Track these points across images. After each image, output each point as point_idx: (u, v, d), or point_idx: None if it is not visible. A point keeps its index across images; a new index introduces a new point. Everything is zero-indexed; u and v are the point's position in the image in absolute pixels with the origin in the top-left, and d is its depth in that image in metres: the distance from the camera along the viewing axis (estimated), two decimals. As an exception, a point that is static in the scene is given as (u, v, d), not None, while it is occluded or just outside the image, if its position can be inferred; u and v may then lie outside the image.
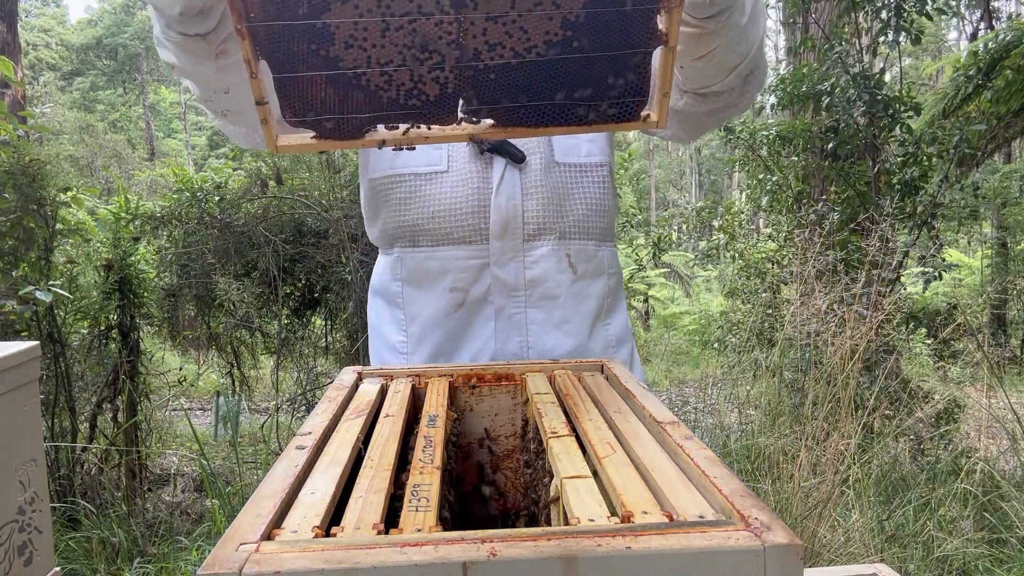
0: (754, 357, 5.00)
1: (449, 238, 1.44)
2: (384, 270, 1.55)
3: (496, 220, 1.42)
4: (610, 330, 1.53)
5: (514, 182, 1.43)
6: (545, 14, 0.87)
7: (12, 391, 1.47)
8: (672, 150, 33.79)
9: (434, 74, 0.91)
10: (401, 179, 1.46)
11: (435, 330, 1.47)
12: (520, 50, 0.90)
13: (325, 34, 0.86)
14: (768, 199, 6.57)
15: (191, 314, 5.07)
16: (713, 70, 1.14)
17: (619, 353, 1.54)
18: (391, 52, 0.88)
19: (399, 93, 0.92)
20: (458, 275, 1.44)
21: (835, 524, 3.20)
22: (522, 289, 1.44)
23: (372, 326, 1.60)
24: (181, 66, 1.05)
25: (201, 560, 2.82)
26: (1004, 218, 10.76)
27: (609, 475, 0.76)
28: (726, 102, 1.27)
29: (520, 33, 0.89)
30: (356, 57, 0.88)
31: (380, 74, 0.90)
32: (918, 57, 19.74)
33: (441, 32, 0.87)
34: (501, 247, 1.43)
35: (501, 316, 1.44)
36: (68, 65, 33.52)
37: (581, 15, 0.88)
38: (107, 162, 20.66)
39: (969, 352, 5.51)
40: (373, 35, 0.87)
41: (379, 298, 1.57)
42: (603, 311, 1.52)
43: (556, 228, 1.45)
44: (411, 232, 1.47)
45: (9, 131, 3.81)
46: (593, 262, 1.49)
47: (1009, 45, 6.03)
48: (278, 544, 0.61)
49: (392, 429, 0.96)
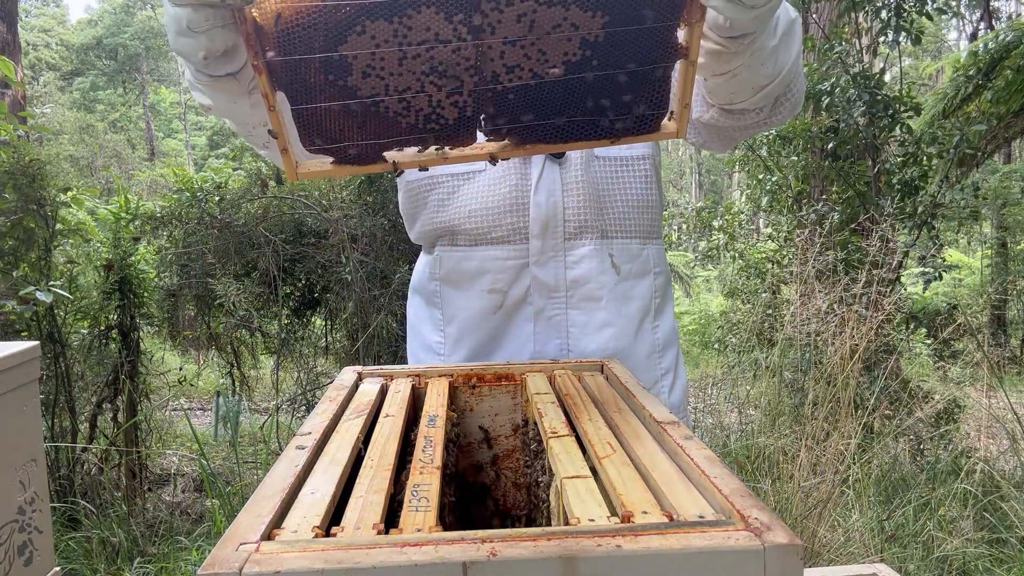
0: (754, 357, 5.00)
1: (487, 238, 1.40)
2: (424, 268, 1.53)
3: (536, 218, 1.38)
4: (658, 333, 1.47)
5: (554, 178, 1.39)
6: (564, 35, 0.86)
7: (12, 391, 1.47)
8: (672, 150, 33.76)
9: (452, 99, 0.90)
10: (438, 180, 1.44)
11: (473, 332, 1.44)
12: (539, 71, 0.89)
13: (342, 65, 0.85)
14: (768, 199, 6.56)
15: (191, 314, 5.07)
16: (737, 87, 1.12)
17: (664, 358, 1.48)
18: (409, 79, 0.88)
19: (417, 118, 0.92)
20: (497, 276, 1.40)
21: (835, 524, 3.20)
22: (563, 290, 1.40)
23: (411, 324, 1.58)
24: (217, 107, 1.04)
25: (201, 560, 2.83)
26: (1004, 218, 10.76)
27: (609, 475, 0.76)
28: (754, 120, 1.25)
29: (538, 55, 0.88)
30: (374, 86, 0.88)
31: (398, 101, 0.89)
32: (918, 57, 19.73)
33: (459, 58, 0.87)
34: (541, 246, 1.39)
35: (540, 318, 1.40)
36: (68, 65, 33.50)
37: (600, 35, 0.87)
38: (107, 162, 20.65)
39: (969, 352, 5.51)
40: (390, 64, 0.86)
41: (418, 296, 1.55)
42: (650, 312, 1.46)
43: (597, 226, 1.40)
44: (449, 232, 1.44)
45: (9, 131, 3.81)
46: (638, 261, 1.44)
47: (1009, 45, 6.03)
48: (278, 544, 0.61)
49: (392, 429, 0.96)
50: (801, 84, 1.24)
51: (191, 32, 0.83)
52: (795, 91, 1.23)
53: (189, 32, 0.83)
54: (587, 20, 0.85)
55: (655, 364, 1.46)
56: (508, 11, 0.83)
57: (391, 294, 4.43)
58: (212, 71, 0.91)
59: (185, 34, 0.83)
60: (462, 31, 0.84)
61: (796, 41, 1.13)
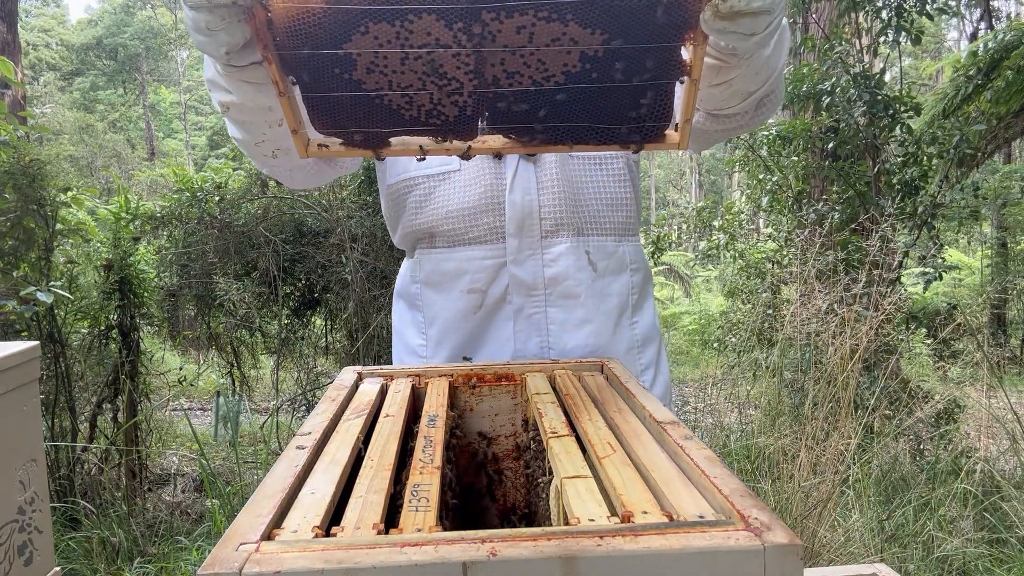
0: (754, 357, 4.99)
1: (464, 238, 1.41)
2: (405, 272, 1.55)
3: (512, 217, 1.39)
4: (636, 329, 1.49)
5: (528, 177, 1.40)
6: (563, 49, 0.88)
7: (12, 391, 1.47)
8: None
9: (453, 98, 0.93)
10: (415, 182, 1.45)
11: (454, 333, 1.45)
12: (539, 79, 0.91)
13: (348, 60, 0.89)
14: (768, 199, 6.56)
15: (191, 314, 5.07)
16: (729, 95, 1.14)
17: (644, 354, 1.50)
18: (411, 78, 0.91)
19: (420, 112, 0.95)
20: (475, 276, 1.41)
21: (835, 524, 3.19)
22: (541, 288, 1.41)
23: (395, 328, 1.59)
24: (240, 102, 1.07)
25: (201, 560, 2.82)
26: (1004, 218, 10.75)
27: (609, 475, 0.76)
28: (738, 124, 1.27)
29: (538, 64, 0.90)
30: (378, 81, 0.91)
31: (401, 96, 0.92)
32: (918, 57, 19.73)
33: (459, 63, 0.89)
34: (518, 245, 1.39)
35: (520, 316, 1.41)
36: (68, 65, 33.50)
37: (600, 50, 0.88)
38: (107, 162, 20.65)
39: (969, 352, 5.51)
40: (393, 63, 0.89)
41: (401, 301, 1.56)
42: (628, 308, 1.48)
43: (573, 224, 1.41)
44: (428, 234, 1.45)
45: (9, 131, 3.81)
46: (613, 258, 1.45)
47: (1009, 45, 6.02)
48: (278, 544, 0.61)
49: (392, 429, 0.96)
50: (782, 84, 1.26)
51: (210, 31, 0.87)
52: (777, 92, 1.24)
53: (208, 31, 0.87)
54: (586, 36, 0.86)
55: (634, 359, 1.48)
56: (508, 22, 0.85)
57: (391, 294, 4.43)
58: (237, 62, 0.95)
59: (204, 33, 0.87)
60: (462, 38, 0.86)
61: (786, 44, 1.15)
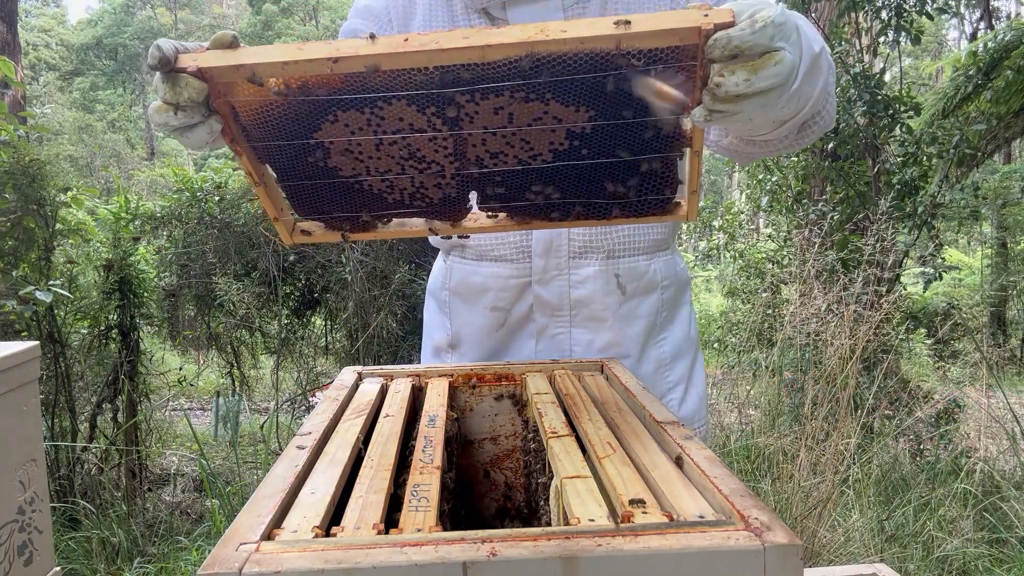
0: (754, 357, 4.99)
1: (491, 255, 1.40)
2: (438, 275, 1.54)
3: (539, 238, 1.37)
4: (664, 347, 1.45)
5: None
6: (547, 127, 0.83)
7: (12, 391, 1.47)
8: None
9: (435, 180, 0.89)
10: None
11: (477, 347, 1.45)
12: (524, 158, 0.86)
13: (320, 148, 0.85)
14: (768, 199, 6.56)
15: (191, 314, 5.07)
16: (754, 127, 1.04)
17: (673, 370, 1.46)
18: (388, 163, 0.87)
19: (403, 196, 0.91)
20: (499, 294, 1.40)
21: (835, 524, 3.19)
22: (566, 309, 1.39)
23: (425, 325, 1.60)
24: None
25: (201, 560, 2.82)
26: (1004, 218, 10.75)
27: (609, 475, 0.76)
28: (780, 146, 1.19)
29: (522, 144, 0.85)
30: (354, 166, 0.87)
31: (381, 180, 0.89)
32: (918, 57, 19.73)
33: (436, 146, 0.85)
34: (544, 265, 1.37)
35: (543, 336, 1.40)
36: (68, 65, 33.49)
37: (587, 127, 0.83)
38: (107, 162, 20.65)
39: (969, 352, 5.51)
40: (368, 148, 0.85)
41: (432, 300, 1.57)
42: (655, 328, 1.44)
43: (603, 246, 1.37)
44: (459, 243, 1.44)
45: (9, 131, 3.81)
46: (644, 279, 1.41)
47: (1009, 45, 6.02)
48: (278, 544, 0.61)
49: (392, 429, 0.96)
50: (832, 106, 1.16)
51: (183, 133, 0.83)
52: (824, 113, 1.14)
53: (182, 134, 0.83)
54: (570, 114, 0.82)
55: (661, 379, 1.45)
56: (484, 104, 0.81)
57: (391, 294, 4.43)
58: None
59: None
60: (436, 122, 0.82)
61: (822, 72, 1.01)
